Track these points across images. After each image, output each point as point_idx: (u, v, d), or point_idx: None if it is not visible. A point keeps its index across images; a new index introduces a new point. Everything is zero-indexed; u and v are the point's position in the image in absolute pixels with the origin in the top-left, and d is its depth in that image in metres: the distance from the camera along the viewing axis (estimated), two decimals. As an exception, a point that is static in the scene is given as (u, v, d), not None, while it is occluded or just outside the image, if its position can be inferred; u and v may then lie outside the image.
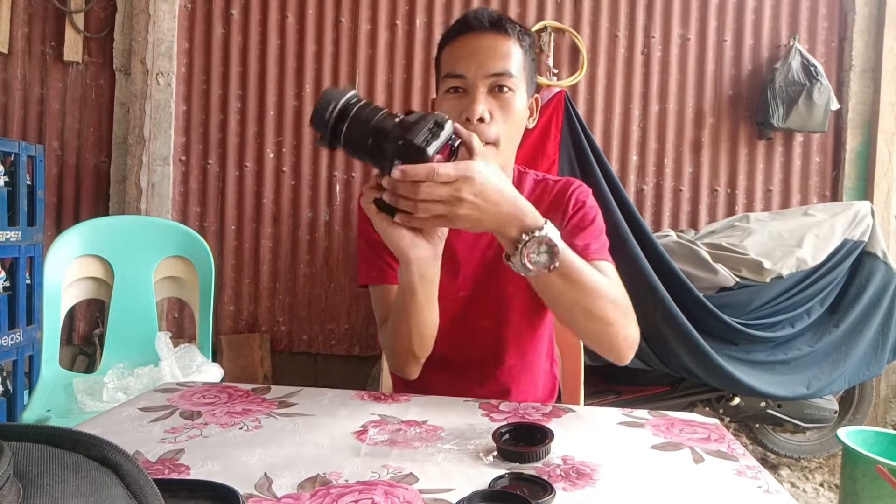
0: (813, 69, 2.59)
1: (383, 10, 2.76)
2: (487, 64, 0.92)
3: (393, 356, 0.97)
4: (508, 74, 0.93)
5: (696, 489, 0.63)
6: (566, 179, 1.07)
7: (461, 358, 1.03)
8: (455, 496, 0.58)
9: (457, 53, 0.96)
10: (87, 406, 1.52)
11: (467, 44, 0.95)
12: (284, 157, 2.76)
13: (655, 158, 2.79)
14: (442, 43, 1.01)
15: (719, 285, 2.14)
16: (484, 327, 1.03)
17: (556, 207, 1.01)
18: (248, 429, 0.76)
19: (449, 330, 1.01)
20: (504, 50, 0.94)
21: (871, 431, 1.95)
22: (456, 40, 0.97)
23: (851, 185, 2.74)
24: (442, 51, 1.01)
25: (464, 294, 1.02)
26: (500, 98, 0.93)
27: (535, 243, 0.74)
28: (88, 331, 2.75)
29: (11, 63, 2.74)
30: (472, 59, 0.93)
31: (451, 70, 0.95)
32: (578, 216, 1.00)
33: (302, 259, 2.77)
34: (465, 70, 0.93)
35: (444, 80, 0.97)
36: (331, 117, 0.72)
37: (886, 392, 2.74)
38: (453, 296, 1.00)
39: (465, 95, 0.94)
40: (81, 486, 0.30)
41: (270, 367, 2.73)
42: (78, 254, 1.76)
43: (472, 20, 0.96)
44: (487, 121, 0.91)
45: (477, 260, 1.02)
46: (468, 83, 0.93)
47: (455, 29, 0.98)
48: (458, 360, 1.03)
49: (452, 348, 1.02)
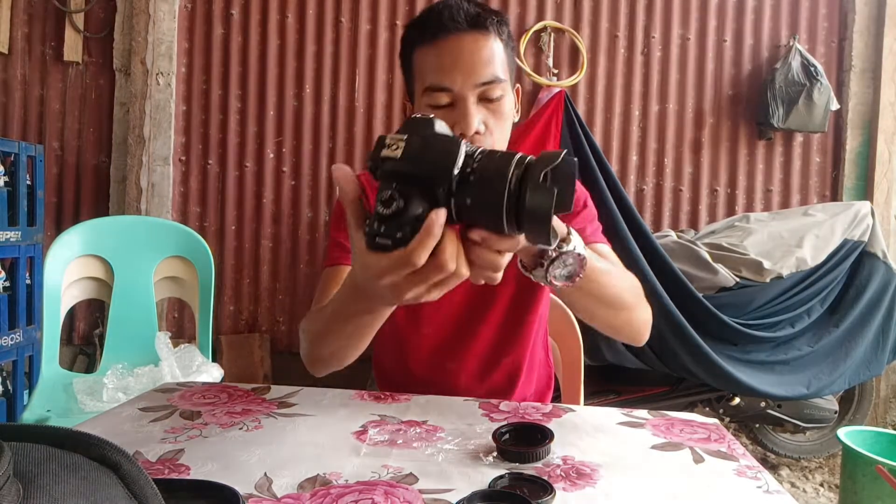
0: (813, 69, 2.59)
1: (383, 10, 2.76)
2: (474, 72, 0.85)
3: (321, 349, 0.83)
4: (498, 80, 0.86)
5: (696, 489, 0.63)
6: None
7: (458, 363, 1.03)
8: (455, 496, 0.58)
9: (437, 63, 0.86)
10: (87, 406, 1.52)
11: (447, 51, 0.86)
12: (284, 157, 2.76)
13: (655, 158, 2.79)
14: (412, 42, 0.91)
15: (719, 285, 2.14)
16: (481, 331, 1.02)
17: None
18: (248, 429, 0.76)
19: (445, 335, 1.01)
20: (488, 52, 0.86)
21: (871, 431, 1.95)
22: (432, 45, 0.87)
23: (851, 185, 2.74)
24: (413, 53, 0.91)
25: (458, 299, 1.00)
26: (491, 106, 0.87)
27: (562, 259, 0.68)
28: (88, 331, 2.75)
29: (11, 63, 2.74)
30: (457, 68, 0.85)
31: (435, 82, 0.86)
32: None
33: (302, 259, 2.77)
34: (450, 83, 0.85)
35: (426, 93, 0.87)
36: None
37: (886, 392, 2.74)
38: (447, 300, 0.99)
39: (453, 108, 0.86)
40: (81, 486, 0.30)
41: (270, 367, 2.72)
42: (78, 254, 1.76)
43: (447, 21, 0.86)
44: (482, 132, 0.86)
45: None
46: (455, 95, 0.85)
47: (429, 31, 0.87)
48: (456, 364, 1.03)
49: (449, 353, 1.02)
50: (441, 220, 0.53)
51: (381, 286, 0.57)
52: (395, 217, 0.54)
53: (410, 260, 0.53)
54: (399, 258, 0.54)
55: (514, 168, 0.52)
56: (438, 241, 0.54)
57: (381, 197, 0.54)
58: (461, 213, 0.54)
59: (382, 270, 0.56)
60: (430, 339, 1.02)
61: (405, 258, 0.54)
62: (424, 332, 1.02)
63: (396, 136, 0.54)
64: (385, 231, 0.54)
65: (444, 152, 0.53)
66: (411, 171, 0.53)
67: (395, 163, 0.54)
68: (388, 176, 0.54)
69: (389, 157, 0.54)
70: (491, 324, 1.01)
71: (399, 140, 0.54)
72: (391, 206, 0.53)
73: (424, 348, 1.03)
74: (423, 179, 0.53)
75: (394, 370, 1.10)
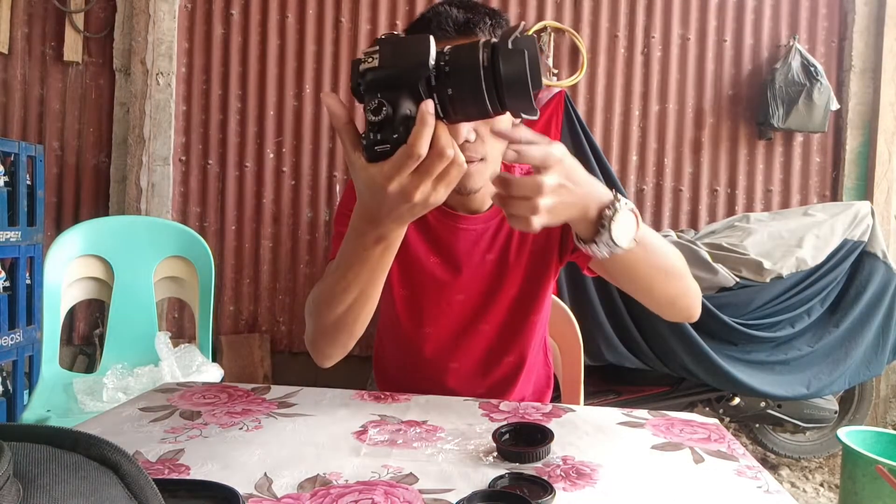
0: (813, 69, 2.59)
1: (383, 10, 2.76)
2: None
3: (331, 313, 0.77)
4: None
5: (696, 489, 0.63)
6: None
7: (460, 361, 1.03)
8: (455, 496, 0.58)
9: None
10: (87, 406, 1.52)
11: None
12: (284, 157, 2.76)
13: (655, 158, 2.79)
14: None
15: (719, 285, 2.14)
16: (483, 331, 1.01)
17: None
18: (248, 429, 0.76)
19: (448, 334, 1.01)
20: None
21: (871, 431, 1.95)
22: None
23: (851, 185, 2.74)
24: None
25: (462, 297, 0.99)
26: None
27: (620, 215, 0.69)
28: (88, 331, 2.75)
29: (11, 63, 2.74)
30: None
31: None
32: None
33: (302, 259, 2.77)
34: None
35: None
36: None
37: (886, 392, 2.74)
38: (451, 299, 0.99)
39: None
40: (81, 486, 0.30)
41: (270, 367, 2.73)
42: (78, 254, 1.76)
43: (434, 30, 0.82)
44: (473, 140, 0.83)
45: (477, 263, 0.99)
46: None
47: None
48: (458, 363, 1.02)
49: (451, 352, 1.02)
50: (431, 109, 0.55)
51: (390, 195, 0.58)
52: (387, 122, 0.56)
53: (413, 152, 0.55)
54: (401, 154, 0.56)
55: (482, 49, 0.56)
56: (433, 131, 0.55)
57: (369, 107, 0.56)
58: (445, 106, 0.57)
59: (387, 175, 0.57)
60: (432, 337, 1.01)
61: (407, 152, 0.55)
62: (426, 331, 1.01)
63: (369, 50, 0.57)
64: (381, 138, 0.57)
65: (417, 49, 0.56)
66: (391, 75, 0.56)
67: (374, 72, 0.56)
68: (371, 86, 0.57)
69: (368, 69, 0.56)
70: (493, 323, 1.01)
71: (372, 52, 0.57)
72: (381, 112, 0.55)
73: (426, 347, 1.02)
74: (404, 79, 0.56)
75: (395, 368, 1.10)
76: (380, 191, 0.58)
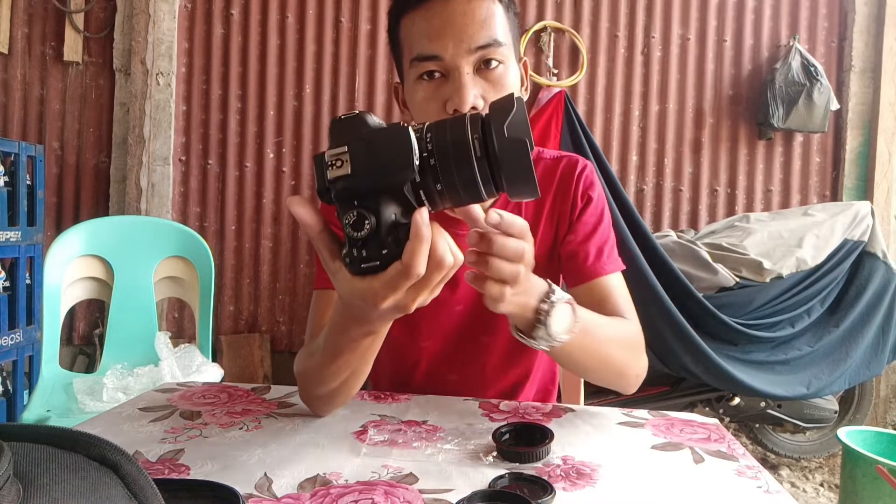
0: (813, 69, 2.59)
1: (383, 10, 2.75)
2: (468, 36, 0.74)
3: (322, 388, 0.75)
4: (496, 44, 0.75)
5: (696, 489, 0.63)
6: (567, 158, 0.95)
7: (461, 374, 0.98)
8: (455, 496, 0.58)
9: (424, 28, 0.76)
10: (87, 406, 1.52)
11: (435, 14, 0.75)
12: (284, 157, 2.76)
13: (655, 158, 2.79)
14: (398, 10, 0.80)
15: (719, 285, 2.14)
16: (485, 343, 0.97)
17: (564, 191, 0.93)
18: (248, 429, 0.76)
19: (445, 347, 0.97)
20: (483, 12, 0.75)
21: (871, 431, 1.95)
22: (417, 11, 0.77)
23: (851, 185, 2.74)
24: (399, 24, 0.80)
25: (461, 308, 0.94)
26: (491, 76, 0.76)
27: (559, 307, 0.64)
28: (88, 331, 2.75)
29: (11, 63, 2.74)
30: (447, 33, 0.74)
31: (423, 51, 0.76)
32: (588, 211, 0.92)
33: (302, 259, 2.77)
34: (440, 49, 0.74)
35: (413, 64, 0.77)
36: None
37: (886, 392, 2.74)
38: (450, 310, 0.95)
39: (445, 81, 0.76)
40: (81, 486, 0.30)
41: (270, 367, 2.73)
42: (78, 254, 1.76)
43: None
44: (480, 108, 0.75)
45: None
46: (447, 65, 0.75)
47: None
48: (458, 375, 0.98)
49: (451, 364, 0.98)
50: (426, 219, 0.48)
51: (384, 309, 0.52)
52: (371, 236, 0.48)
53: (410, 272, 0.48)
54: (397, 274, 0.49)
55: (472, 133, 0.48)
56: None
57: (346, 221, 0.48)
58: (433, 197, 0.49)
59: (379, 293, 0.50)
60: (430, 351, 0.97)
61: (404, 272, 0.48)
62: (423, 345, 0.97)
63: (335, 152, 0.48)
64: (368, 254, 0.49)
65: (396, 148, 0.48)
66: (369, 184, 0.48)
67: (347, 180, 0.48)
68: (344, 196, 0.48)
69: (339, 176, 0.48)
70: (496, 334, 0.96)
71: (340, 154, 0.48)
72: (362, 227, 0.48)
73: (423, 360, 0.98)
74: (385, 186, 0.48)
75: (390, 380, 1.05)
76: (371, 306, 0.52)
